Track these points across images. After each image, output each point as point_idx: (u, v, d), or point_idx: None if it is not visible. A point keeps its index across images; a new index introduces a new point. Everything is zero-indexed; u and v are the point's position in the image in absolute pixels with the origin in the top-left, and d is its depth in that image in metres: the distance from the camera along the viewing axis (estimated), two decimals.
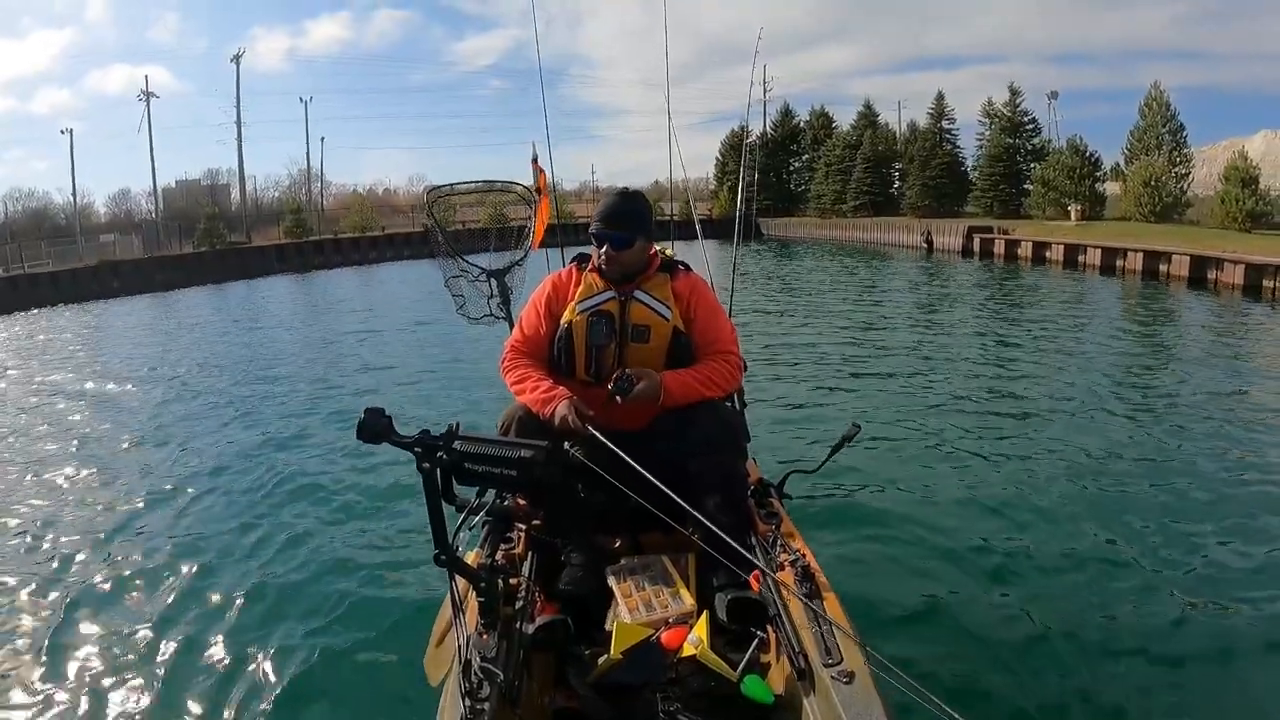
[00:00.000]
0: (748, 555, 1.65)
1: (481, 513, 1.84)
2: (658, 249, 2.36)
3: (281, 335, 12.52)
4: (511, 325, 2.69)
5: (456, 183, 3.59)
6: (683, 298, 2.23)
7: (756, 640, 1.75)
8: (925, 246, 24.78)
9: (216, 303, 19.29)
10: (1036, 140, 31.15)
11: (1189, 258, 14.59)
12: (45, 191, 54.95)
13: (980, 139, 32.40)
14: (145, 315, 17.36)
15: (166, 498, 4.80)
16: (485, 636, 1.64)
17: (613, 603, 1.96)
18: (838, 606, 1.72)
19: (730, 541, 1.63)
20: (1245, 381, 7.04)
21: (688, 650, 1.72)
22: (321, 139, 55.98)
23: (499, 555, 1.97)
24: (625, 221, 2.17)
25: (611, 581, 2.00)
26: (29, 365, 10.94)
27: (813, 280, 17.32)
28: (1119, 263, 16.72)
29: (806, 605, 1.65)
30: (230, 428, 6.49)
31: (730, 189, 38.63)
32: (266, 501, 4.59)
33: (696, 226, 4.15)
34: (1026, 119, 31.37)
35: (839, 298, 13.97)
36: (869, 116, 37.34)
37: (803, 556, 1.88)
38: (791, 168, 40.29)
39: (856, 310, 12.36)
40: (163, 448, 6.03)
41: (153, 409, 7.46)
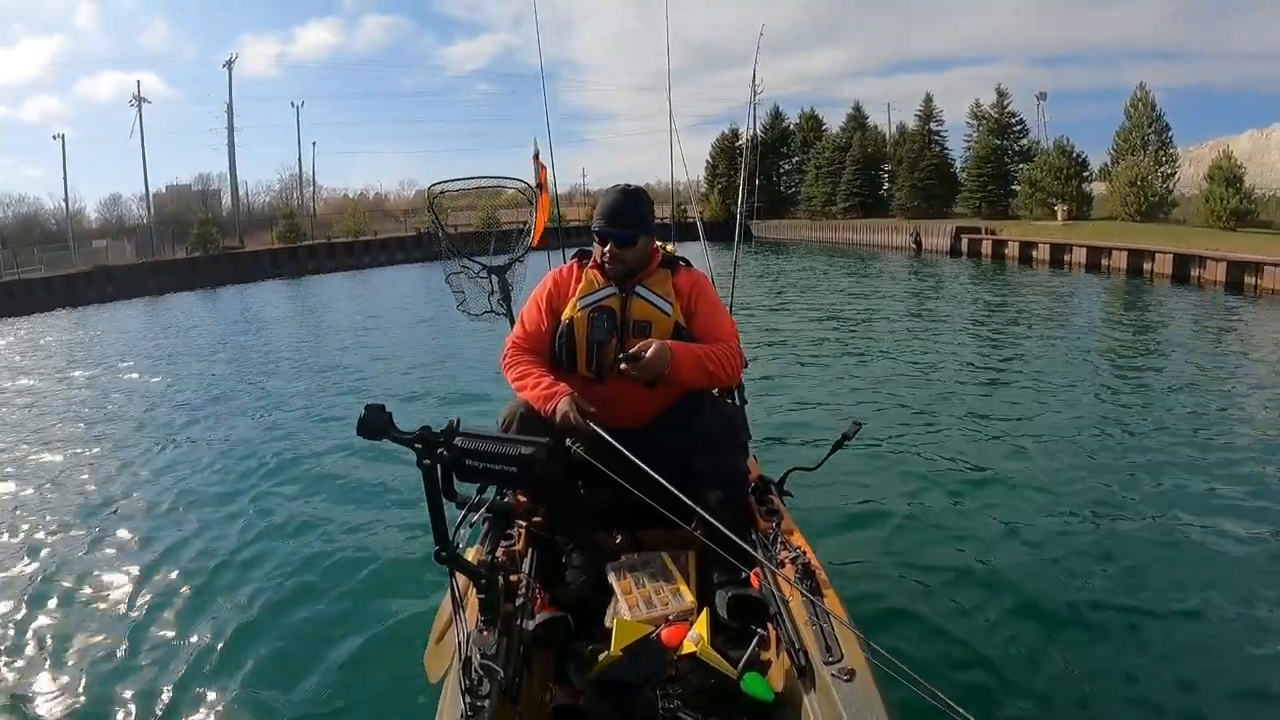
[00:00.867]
0: (750, 550, 1.65)
1: (482, 509, 1.83)
2: (659, 245, 2.36)
3: (280, 336, 12.46)
4: (512, 322, 2.69)
5: (459, 178, 3.57)
6: (684, 293, 2.23)
7: (757, 637, 1.75)
8: (914, 247, 24.99)
9: (212, 307, 19.20)
10: (1024, 141, 31.41)
11: (1172, 256, 14.83)
12: (36, 197, 54.53)
13: (968, 140, 32.67)
14: (142, 320, 17.26)
15: (165, 493, 4.78)
16: (485, 633, 1.63)
17: (613, 600, 1.95)
18: (838, 603, 1.72)
19: (732, 536, 1.62)
20: (1233, 372, 7.18)
21: (688, 647, 1.72)
22: (314, 144, 56.05)
23: (499, 552, 1.97)
24: (629, 219, 2.18)
25: (611, 578, 2.00)
26: (42, 367, 10.91)
27: (805, 281, 17.36)
28: (1104, 261, 16.93)
29: (807, 601, 1.65)
30: (229, 425, 6.47)
31: (721, 192, 38.78)
32: (266, 498, 4.57)
33: (699, 228, 4.14)
34: (1014, 120, 31.63)
35: (832, 298, 14.01)
36: (858, 119, 37.57)
37: (803, 554, 1.87)
38: (781, 170, 40.42)
39: (851, 309, 12.42)
40: (163, 443, 6.03)
41: (153, 407, 7.46)
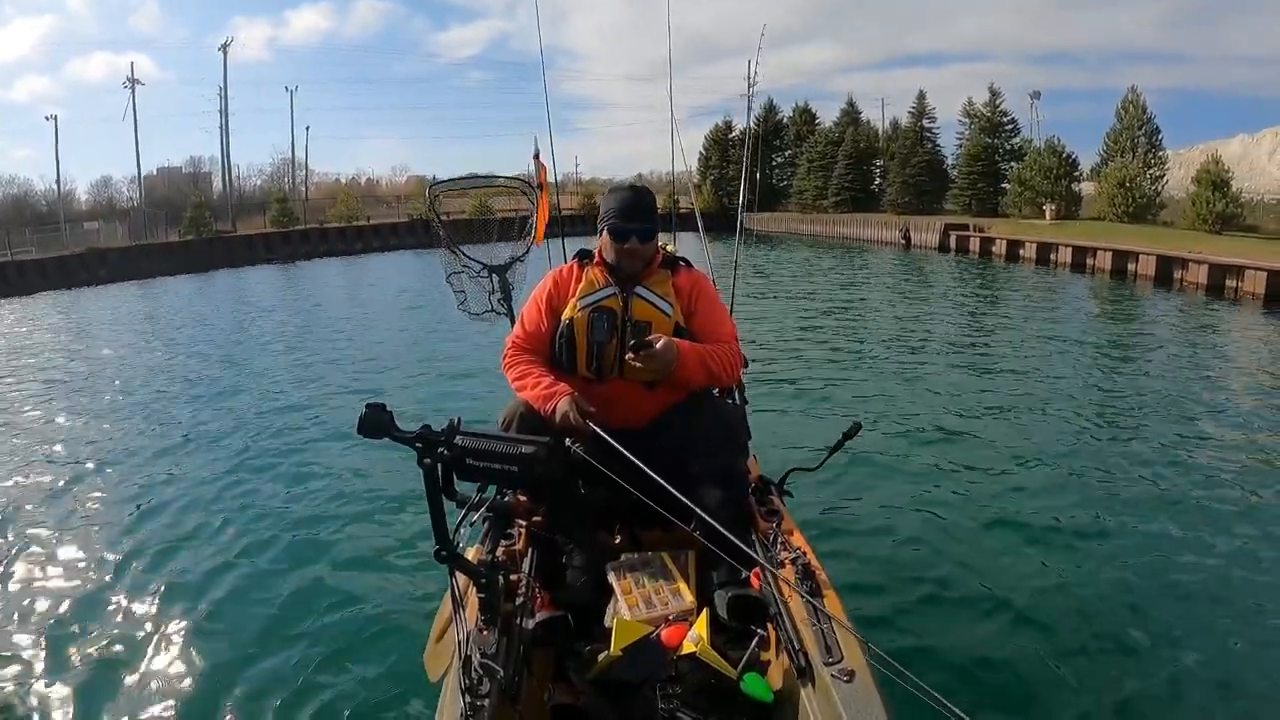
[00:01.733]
0: (749, 551, 1.65)
1: (482, 509, 1.82)
2: (659, 245, 2.36)
3: (276, 327, 12.34)
4: (513, 321, 2.67)
5: (459, 177, 3.57)
6: (684, 293, 2.23)
7: (756, 638, 1.76)
8: (903, 243, 25.09)
9: (207, 292, 19.07)
10: (1015, 140, 31.54)
11: (1155, 258, 14.95)
12: (26, 179, 53.94)
13: (960, 138, 32.74)
14: (138, 303, 17.19)
15: (164, 489, 4.75)
16: (485, 633, 1.63)
17: (613, 599, 1.95)
18: (838, 604, 1.73)
19: (731, 538, 1.62)
20: (1216, 375, 7.28)
21: (687, 647, 1.72)
22: (307, 128, 55.53)
23: (499, 551, 1.96)
24: (647, 214, 2.23)
25: (611, 578, 2.00)
26: (44, 348, 10.95)
27: (799, 276, 17.37)
28: (1089, 261, 17.05)
29: (807, 602, 1.65)
30: (229, 423, 6.39)
31: (714, 184, 38.69)
32: (265, 497, 4.54)
33: (698, 221, 4.15)
34: (1005, 119, 31.72)
35: (827, 293, 14.03)
36: (851, 114, 37.55)
37: (803, 554, 1.88)
38: (774, 163, 40.34)
39: (845, 304, 12.46)
40: (164, 438, 5.99)
41: (154, 403, 7.36)
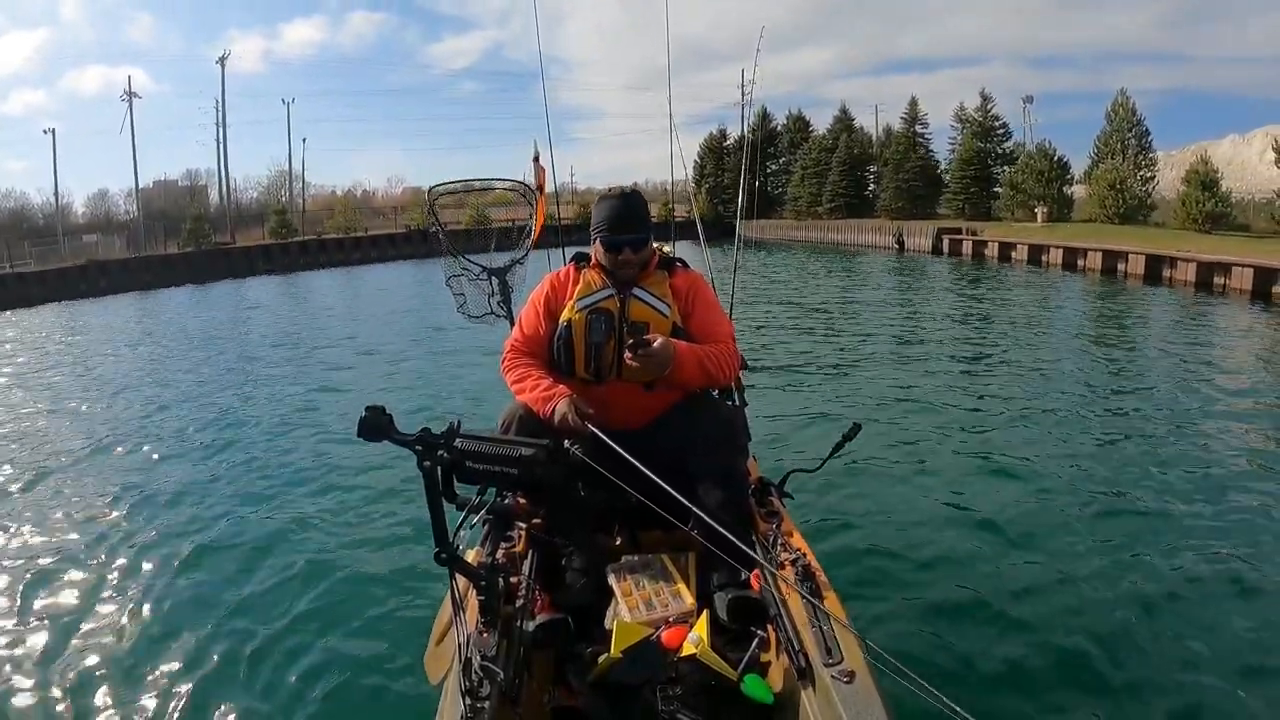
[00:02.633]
0: (749, 552, 1.65)
1: (482, 511, 1.82)
2: (655, 246, 2.37)
3: (276, 334, 12.36)
4: (512, 323, 2.68)
5: (457, 180, 3.58)
6: (681, 294, 2.24)
7: (757, 639, 1.76)
8: (897, 247, 25.30)
9: (207, 302, 19.10)
10: (1008, 144, 31.75)
11: (1144, 256, 15.29)
12: (22, 191, 53.89)
13: (953, 143, 32.94)
14: (137, 314, 17.22)
15: (164, 491, 4.75)
16: (485, 635, 1.63)
17: (613, 601, 1.95)
18: (838, 605, 1.73)
19: (731, 538, 1.62)
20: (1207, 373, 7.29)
21: (688, 649, 1.72)
22: (304, 140, 55.39)
23: (499, 554, 1.96)
24: (639, 223, 2.22)
25: (611, 580, 2.00)
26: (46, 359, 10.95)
27: (795, 280, 17.46)
28: (1080, 261, 17.34)
29: (807, 603, 1.65)
30: (228, 425, 6.42)
31: (709, 191, 38.79)
32: (265, 500, 4.54)
33: (699, 228, 4.16)
34: (998, 124, 31.91)
35: (823, 296, 14.10)
36: (845, 120, 37.68)
37: (803, 555, 1.88)
38: (768, 171, 40.48)
39: (841, 307, 12.51)
40: (164, 441, 5.99)
41: (154, 404, 7.39)
